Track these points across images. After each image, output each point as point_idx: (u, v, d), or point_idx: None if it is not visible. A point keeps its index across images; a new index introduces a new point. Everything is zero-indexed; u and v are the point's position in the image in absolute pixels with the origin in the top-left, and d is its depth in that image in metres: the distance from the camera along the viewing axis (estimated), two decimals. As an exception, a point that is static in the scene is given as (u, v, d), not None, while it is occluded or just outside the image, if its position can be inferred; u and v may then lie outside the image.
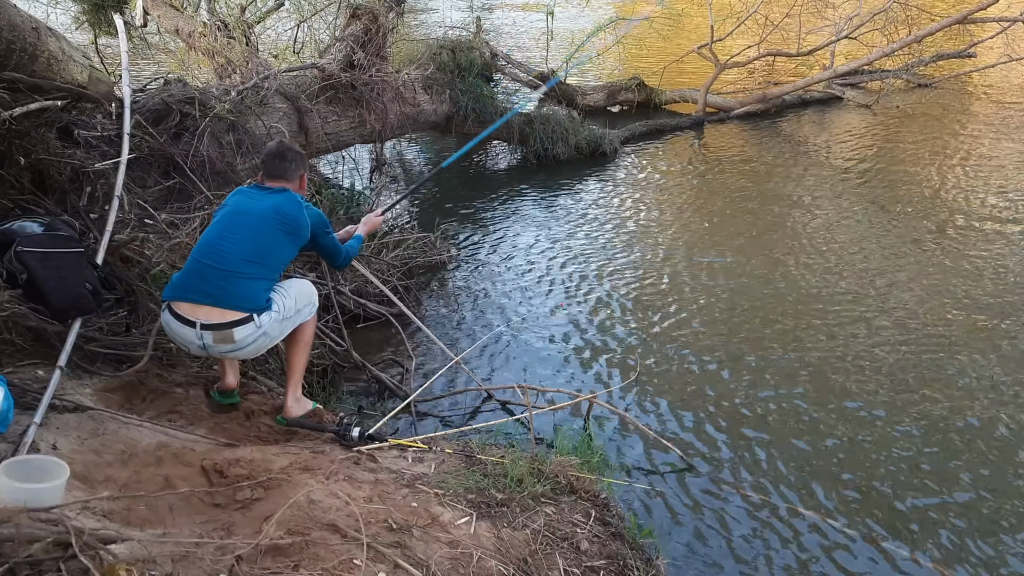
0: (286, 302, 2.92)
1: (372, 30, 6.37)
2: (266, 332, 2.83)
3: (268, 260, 2.88)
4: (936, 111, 10.05)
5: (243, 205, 2.96)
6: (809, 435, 3.79)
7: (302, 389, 3.18)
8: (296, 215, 2.95)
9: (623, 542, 2.64)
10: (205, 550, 1.85)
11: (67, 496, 1.93)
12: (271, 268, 2.90)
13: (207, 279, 2.77)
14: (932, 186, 7.33)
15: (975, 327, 4.79)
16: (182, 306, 2.76)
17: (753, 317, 4.92)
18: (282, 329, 2.92)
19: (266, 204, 2.93)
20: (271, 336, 2.87)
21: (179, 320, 2.75)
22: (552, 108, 8.86)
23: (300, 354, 3.09)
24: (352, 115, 6.23)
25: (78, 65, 3.51)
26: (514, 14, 16.32)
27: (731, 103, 9.95)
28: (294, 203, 2.97)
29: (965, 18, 8.90)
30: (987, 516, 3.30)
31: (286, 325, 2.94)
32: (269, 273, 2.89)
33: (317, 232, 3.08)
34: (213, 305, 2.74)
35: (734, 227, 6.39)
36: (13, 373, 2.61)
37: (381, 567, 2.05)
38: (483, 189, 7.34)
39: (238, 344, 2.78)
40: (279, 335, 2.93)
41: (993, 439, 3.77)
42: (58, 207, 3.34)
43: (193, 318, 2.73)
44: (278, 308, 2.87)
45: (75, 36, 6.68)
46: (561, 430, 3.67)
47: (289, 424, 3.09)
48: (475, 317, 4.93)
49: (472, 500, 2.57)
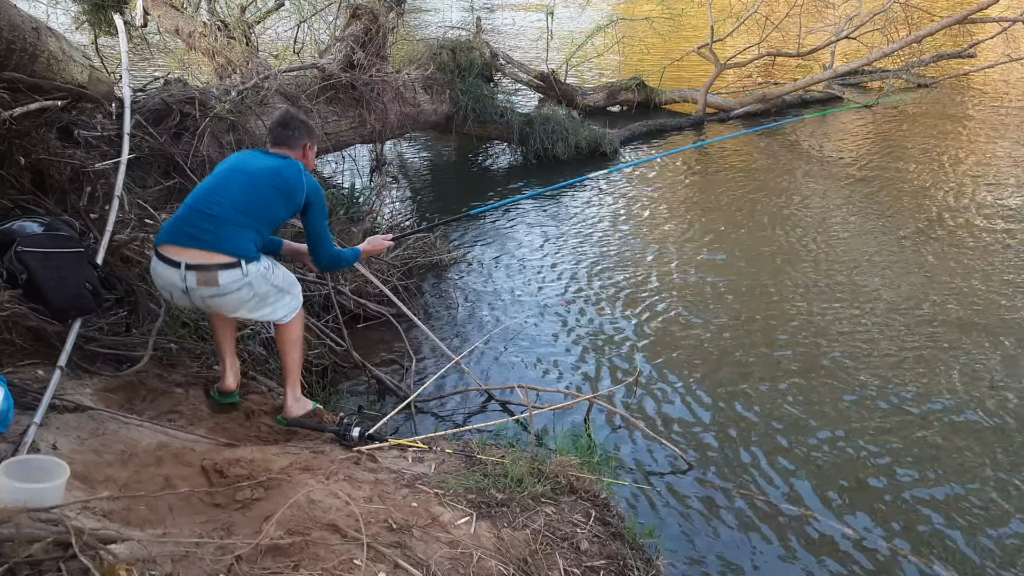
0: (276, 269, 2.90)
1: (372, 30, 6.38)
2: (251, 283, 2.76)
3: (260, 215, 2.83)
4: (936, 111, 10.05)
5: (242, 163, 2.94)
6: (810, 434, 3.79)
7: (302, 389, 3.17)
8: (292, 178, 2.90)
9: (623, 542, 2.64)
10: (205, 550, 1.85)
11: (67, 496, 1.93)
12: (262, 222, 2.84)
13: (197, 224, 2.74)
14: (931, 186, 7.33)
15: (974, 326, 4.79)
16: (169, 248, 2.73)
17: (753, 317, 4.92)
18: (266, 293, 2.84)
19: (265, 164, 2.91)
20: (255, 291, 2.79)
21: (165, 262, 2.72)
22: (552, 108, 8.86)
23: (292, 353, 3.06)
24: (352, 115, 6.24)
25: (78, 65, 3.51)
26: (514, 14, 16.33)
27: (731, 103, 9.95)
28: (293, 168, 2.94)
29: (965, 18, 8.90)
30: (996, 516, 3.30)
31: (271, 293, 2.87)
32: (260, 226, 2.83)
33: (312, 203, 2.96)
34: (201, 248, 2.70)
35: (733, 227, 6.39)
36: (13, 373, 2.61)
37: (381, 567, 2.05)
38: (483, 189, 7.34)
39: (221, 288, 2.72)
40: (262, 297, 2.84)
41: (1003, 435, 3.77)
42: (58, 207, 3.33)
43: (179, 259, 2.69)
44: (267, 266, 2.83)
45: (75, 36, 6.69)
46: (561, 430, 3.67)
47: (289, 424, 3.09)
48: (475, 317, 4.93)
49: (472, 500, 2.57)
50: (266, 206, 2.84)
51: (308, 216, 2.99)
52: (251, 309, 2.87)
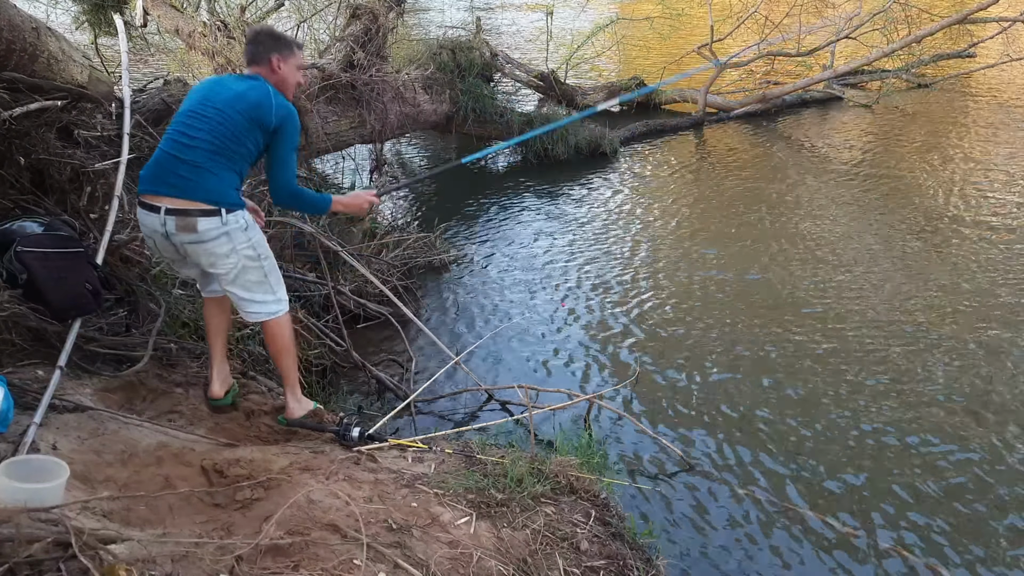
0: (254, 231, 2.81)
1: (372, 30, 6.38)
2: (229, 234, 2.71)
3: (234, 153, 2.75)
4: (936, 111, 10.05)
5: (212, 92, 2.83)
6: (811, 434, 3.79)
7: (302, 389, 3.17)
8: (259, 101, 2.75)
9: (623, 542, 2.64)
10: (205, 550, 1.85)
11: (67, 496, 1.93)
12: (238, 159, 2.76)
13: (174, 170, 2.70)
14: (930, 186, 7.33)
15: (972, 325, 4.79)
16: (150, 196, 2.71)
17: (754, 317, 4.92)
18: (244, 250, 2.76)
19: (232, 91, 2.80)
20: (233, 244, 2.72)
21: (146, 208, 2.71)
22: (552, 108, 8.87)
23: (284, 360, 3.00)
24: (352, 115, 6.24)
25: (78, 65, 3.50)
26: (514, 14, 16.33)
27: (731, 103, 9.96)
28: (260, 90, 2.79)
29: (965, 18, 8.91)
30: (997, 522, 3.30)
31: (251, 265, 2.79)
32: (236, 165, 2.77)
33: (281, 127, 2.79)
34: (180, 196, 2.67)
35: (734, 227, 6.39)
36: (13, 373, 2.61)
37: (381, 567, 2.05)
38: (483, 189, 7.35)
39: (200, 235, 2.68)
40: (240, 254, 2.75)
41: (1003, 434, 3.77)
42: (58, 207, 3.33)
43: (159, 204, 2.68)
44: (248, 221, 2.78)
45: (75, 36, 6.69)
46: (561, 430, 3.67)
47: (289, 424, 3.09)
48: (475, 317, 4.93)
49: (472, 500, 2.57)
50: (238, 139, 2.74)
51: (274, 140, 2.81)
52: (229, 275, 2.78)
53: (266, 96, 2.78)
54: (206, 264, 2.79)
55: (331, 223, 5.02)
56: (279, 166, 2.85)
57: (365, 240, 5.30)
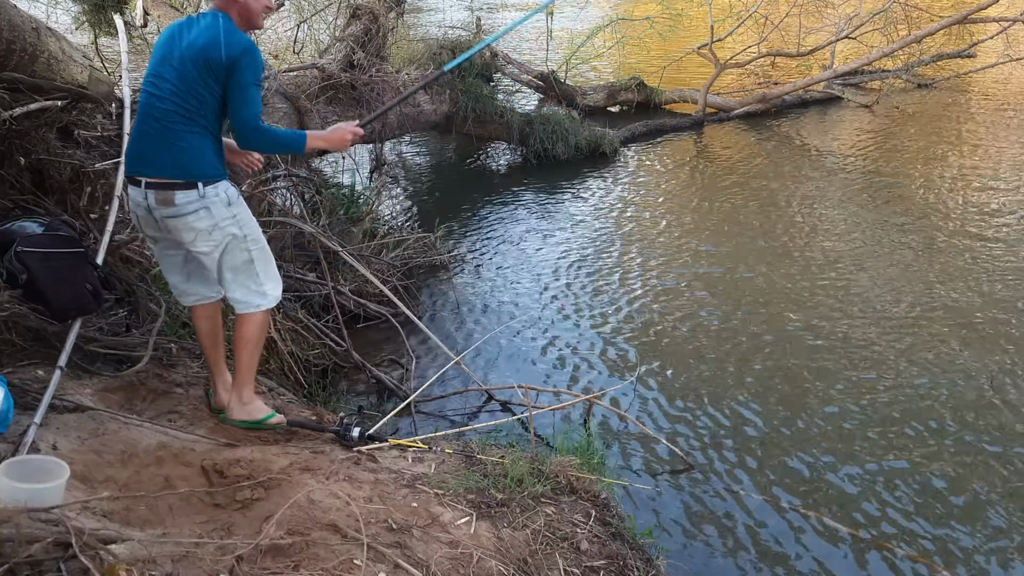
0: (239, 208, 2.73)
1: (372, 30, 6.38)
2: (208, 208, 2.63)
3: (197, 108, 2.61)
4: (936, 111, 10.05)
5: (168, 47, 2.66)
6: (812, 434, 3.80)
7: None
8: (206, 43, 2.54)
9: (623, 542, 2.64)
10: (205, 550, 1.85)
11: (67, 496, 1.93)
12: (204, 119, 2.63)
13: (147, 146, 2.65)
14: (930, 186, 7.33)
15: (972, 325, 4.79)
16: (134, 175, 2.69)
17: (754, 316, 4.92)
18: (227, 226, 2.68)
19: (187, 40, 2.61)
20: (214, 219, 2.64)
21: (131, 183, 2.69)
22: (552, 108, 8.87)
23: (244, 350, 2.85)
24: (352, 115, 6.23)
25: (78, 65, 3.50)
26: (514, 14, 16.31)
27: (731, 103, 9.96)
28: (212, 29, 2.57)
29: (965, 18, 8.91)
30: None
31: (234, 232, 2.70)
32: (206, 126, 2.64)
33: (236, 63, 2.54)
34: (158, 173, 2.62)
35: (733, 227, 6.39)
36: (13, 373, 2.61)
37: (381, 567, 2.05)
38: (483, 189, 7.35)
39: (178, 208, 2.61)
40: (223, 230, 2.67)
41: (1002, 434, 3.77)
42: (58, 207, 3.33)
43: (140, 178, 2.65)
44: (231, 196, 2.70)
45: (75, 36, 6.69)
46: (561, 430, 3.67)
47: (290, 424, 3.08)
48: (475, 317, 4.93)
49: (472, 500, 2.57)
50: (198, 96, 2.58)
51: (229, 77, 2.56)
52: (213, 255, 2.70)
53: (215, 34, 2.55)
54: (188, 241, 2.69)
55: (331, 223, 5.02)
56: (239, 103, 2.59)
57: (365, 240, 5.30)
